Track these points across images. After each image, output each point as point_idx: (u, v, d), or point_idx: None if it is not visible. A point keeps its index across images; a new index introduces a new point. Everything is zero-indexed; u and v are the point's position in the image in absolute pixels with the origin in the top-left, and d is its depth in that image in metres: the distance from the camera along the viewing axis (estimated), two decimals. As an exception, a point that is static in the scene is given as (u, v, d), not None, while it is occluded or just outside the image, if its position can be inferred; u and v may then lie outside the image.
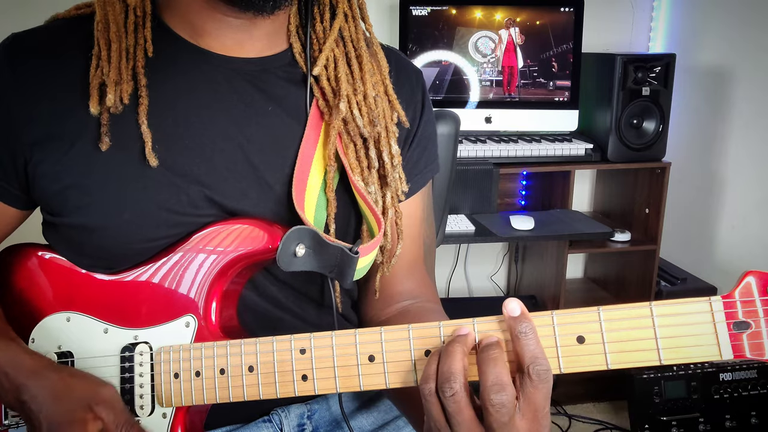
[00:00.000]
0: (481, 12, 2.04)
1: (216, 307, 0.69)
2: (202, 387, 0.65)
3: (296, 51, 0.75)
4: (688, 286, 2.13)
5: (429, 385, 0.54)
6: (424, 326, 0.58)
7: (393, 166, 0.75)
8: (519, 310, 0.54)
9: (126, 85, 0.67)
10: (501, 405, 0.51)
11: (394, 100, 0.76)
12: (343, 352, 0.60)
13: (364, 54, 0.74)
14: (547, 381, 0.52)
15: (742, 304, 0.52)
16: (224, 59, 0.71)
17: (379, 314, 0.84)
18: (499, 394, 0.51)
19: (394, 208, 0.77)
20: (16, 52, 0.70)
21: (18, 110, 0.68)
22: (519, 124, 2.10)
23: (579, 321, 0.54)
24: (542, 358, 0.52)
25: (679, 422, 1.85)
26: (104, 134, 0.67)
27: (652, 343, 0.53)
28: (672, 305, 0.53)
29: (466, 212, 2.00)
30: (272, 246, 0.67)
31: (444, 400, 0.53)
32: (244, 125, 0.71)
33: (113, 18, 0.67)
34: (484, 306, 2.20)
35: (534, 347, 0.53)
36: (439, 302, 0.86)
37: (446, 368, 0.53)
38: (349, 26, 0.75)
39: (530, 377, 0.52)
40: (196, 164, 0.69)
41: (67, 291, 0.73)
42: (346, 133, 0.73)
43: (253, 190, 0.71)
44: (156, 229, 0.69)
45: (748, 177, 2.04)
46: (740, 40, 2.04)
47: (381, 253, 0.79)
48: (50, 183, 0.69)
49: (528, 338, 0.53)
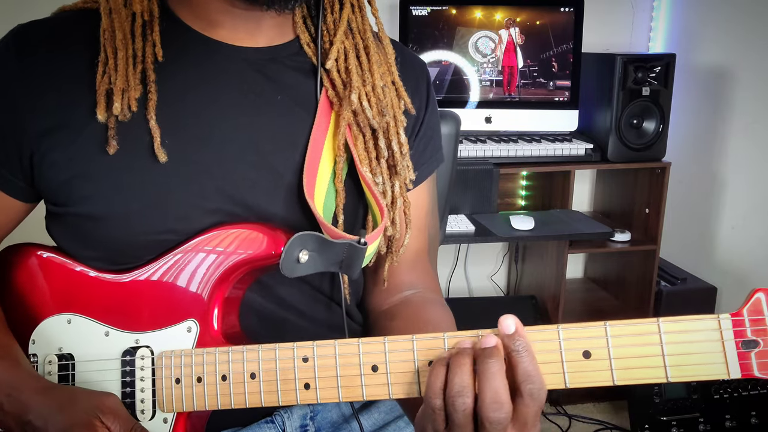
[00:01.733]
0: (481, 12, 2.03)
1: (218, 312, 0.68)
2: (203, 393, 0.65)
3: (304, 42, 0.75)
4: (688, 286, 2.13)
5: (437, 400, 0.54)
6: (428, 337, 0.58)
7: (402, 154, 0.75)
8: (513, 326, 0.53)
9: (134, 91, 0.67)
10: (498, 422, 0.51)
11: (400, 88, 0.77)
12: (346, 362, 0.60)
13: (371, 45, 0.75)
14: (539, 399, 0.52)
15: (750, 323, 0.51)
16: (234, 49, 0.72)
17: (381, 304, 0.84)
18: (496, 413, 0.51)
19: (402, 197, 0.77)
20: (23, 43, 0.69)
21: (24, 101, 0.68)
22: (519, 124, 2.09)
23: (585, 336, 0.54)
24: (535, 376, 0.52)
25: (679, 422, 1.85)
26: (111, 138, 0.67)
27: (659, 360, 0.52)
28: (680, 322, 0.52)
29: (466, 212, 2.00)
30: (275, 252, 0.66)
31: (454, 413, 0.53)
32: (254, 114, 0.71)
33: (119, 25, 0.67)
34: (484, 306, 2.20)
35: (527, 365, 0.52)
36: (441, 293, 0.87)
37: (458, 381, 0.53)
38: (356, 17, 0.76)
39: (522, 395, 0.52)
40: (205, 154, 0.69)
41: (68, 292, 0.72)
42: (355, 125, 0.74)
43: (263, 179, 0.71)
44: (163, 221, 0.68)
45: (748, 177, 2.04)
46: (740, 40, 2.04)
47: (389, 244, 0.79)
48: (57, 173, 0.68)
49: (521, 356, 0.52)
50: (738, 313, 0.51)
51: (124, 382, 0.69)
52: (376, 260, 0.81)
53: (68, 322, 0.71)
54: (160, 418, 0.68)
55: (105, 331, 0.70)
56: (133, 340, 0.69)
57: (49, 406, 0.64)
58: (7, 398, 0.66)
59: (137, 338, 0.69)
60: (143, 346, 0.69)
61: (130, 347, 0.69)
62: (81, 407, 0.64)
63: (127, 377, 0.69)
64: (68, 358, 0.71)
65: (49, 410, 0.64)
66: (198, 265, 0.68)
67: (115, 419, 0.63)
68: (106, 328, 0.70)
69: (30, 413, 0.64)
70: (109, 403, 0.64)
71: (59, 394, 0.66)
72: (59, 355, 0.71)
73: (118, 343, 0.69)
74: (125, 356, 0.69)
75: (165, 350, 0.68)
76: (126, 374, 0.69)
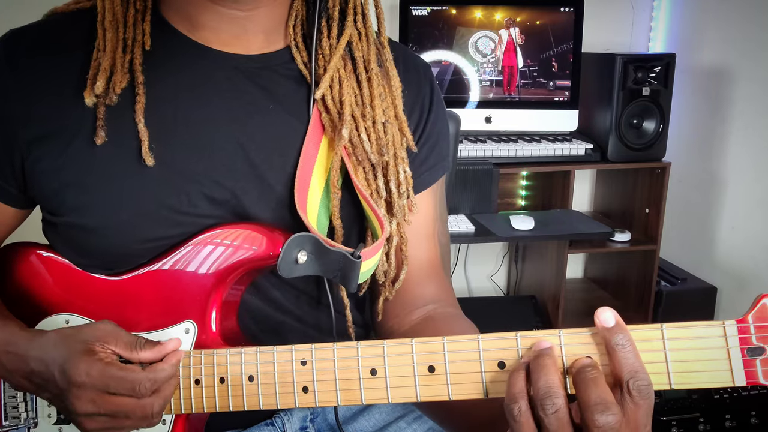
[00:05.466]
0: (481, 12, 2.03)
1: (216, 314, 0.68)
2: (201, 395, 0.65)
3: (295, 54, 0.73)
4: (688, 286, 2.13)
5: (519, 404, 0.51)
6: (427, 341, 0.57)
7: (400, 194, 0.73)
8: (613, 319, 0.51)
9: (119, 75, 0.66)
10: (608, 425, 0.47)
11: (403, 122, 0.74)
12: (344, 365, 0.59)
13: (375, 77, 0.72)
14: (648, 397, 0.49)
15: (756, 329, 0.50)
16: (224, 55, 0.71)
17: (401, 322, 0.80)
18: (604, 414, 0.47)
19: (400, 235, 0.76)
20: (14, 49, 0.69)
21: (16, 108, 0.68)
22: (519, 124, 2.09)
23: (587, 342, 0.53)
24: (642, 372, 0.49)
25: (679, 422, 1.85)
26: (100, 128, 0.66)
27: (662, 366, 0.51)
28: (684, 328, 0.51)
29: (466, 212, 2.00)
30: (273, 252, 0.66)
31: (545, 417, 0.49)
32: (245, 123, 0.70)
33: (110, 8, 0.67)
34: (484, 306, 2.20)
35: (633, 360, 0.49)
36: (458, 305, 0.83)
37: (543, 383, 0.50)
38: (361, 45, 0.73)
39: (630, 393, 0.48)
40: (195, 162, 0.68)
41: (66, 293, 0.72)
42: (354, 156, 0.72)
43: (253, 190, 0.70)
44: (155, 229, 0.68)
45: (748, 177, 2.04)
46: (740, 40, 2.04)
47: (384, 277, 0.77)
48: (48, 181, 0.68)
49: (626, 350, 0.50)
50: (743, 319, 0.50)
51: (123, 383, 0.69)
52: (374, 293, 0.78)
53: (66, 322, 0.71)
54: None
55: (103, 332, 0.70)
56: (132, 341, 0.69)
57: (44, 347, 0.64)
58: (6, 356, 0.66)
59: (135, 340, 0.69)
60: (141, 348, 0.68)
61: (129, 349, 0.69)
62: (77, 339, 0.63)
63: (125, 379, 0.69)
64: (67, 359, 0.71)
65: (45, 351, 0.63)
66: (196, 267, 0.68)
67: (116, 340, 0.62)
68: (105, 329, 0.70)
69: (30, 362, 0.64)
70: (105, 327, 0.64)
71: (53, 335, 0.65)
72: (58, 357, 0.71)
73: (116, 345, 0.69)
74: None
75: (163, 352, 0.67)
76: (124, 376, 0.69)
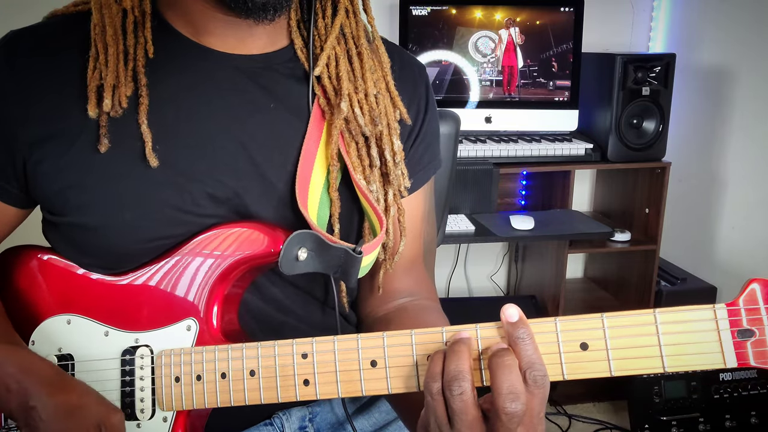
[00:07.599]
0: (481, 12, 2.03)
1: (217, 311, 0.68)
2: (203, 391, 0.65)
3: (298, 47, 0.75)
4: (688, 286, 2.13)
5: (436, 384, 0.54)
6: (427, 332, 0.58)
7: (395, 163, 0.75)
8: (517, 315, 0.55)
9: (124, 87, 0.67)
10: (514, 414, 0.51)
11: (395, 97, 0.76)
12: (345, 357, 0.60)
13: (365, 51, 0.74)
14: (543, 386, 0.52)
15: (746, 312, 0.51)
16: (226, 56, 0.71)
17: (376, 311, 0.84)
18: (514, 403, 0.51)
19: (396, 205, 0.77)
20: (15, 51, 0.69)
21: (16, 109, 0.68)
22: (519, 124, 2.09)
23: (582, 327, 0.54)
24: (539, 364, 0.53)
25: (679, 422, 1.85)
26: (103, 136, 0.66)
27: (655, 350, 0.53)
28: (676, 312, 0.53)
29: (466, 212, 2.00)
30: (274, 250, 0.66)
31: (451, 398, 0.53)
32: (246, 122, 0.71)
33: (110, 21, 0.67)
34: (484, 306, 2.20)
35: (531, 353, 0.53)
36: (438, 300, 0.86)
37: (454, 367, 0.53)
38: (350, 22, 0.75)
39: (527, 383, 0.52)
40: (197, 162, 0.69)
41: (67, 293, 0.72)
42: (347, 132, 0.73)
43: (255, 188, 0.71)
44: (158, 229, 0.68)
45: (748, 177, 2.04)
46: (740, 40, 2.04)
47: (383, 251, 0.79)
48: (50, 182, 0.68)
49: (525, 343, 0.53)
50: (733, 303, 0.52)
51: (124, 381, 0.69)
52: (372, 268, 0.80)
53: (68, 322, 0.71)
54: (160, 417, 0.68)
55: (104, 331, 0.70)
56: (133, 339, 0.69)
57: (56, 407, 0.63)
58: (12, 378, 0.65)
59: (137, 337, 0.69)
60: (143, 346, 0.69)
61: (130, 347, 0.69)
62: (86, 416, 0.63)
63: (126, 376, 0.69)
64: (68, 359, 0.71)
65: (55, 410, 0.63)
66: (198, 265, 0.68)
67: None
68: (106, 328, 0.70)
69: (35, 401, 0.63)
70: (115, 420, 0.64)
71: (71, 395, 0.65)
72: (59, 356, 0.71)
73: (117, 343, 0.69)
74: (125, 356, 0.69)
75: (164, 349, 0.68)
76: (125, 374, 0.69)
